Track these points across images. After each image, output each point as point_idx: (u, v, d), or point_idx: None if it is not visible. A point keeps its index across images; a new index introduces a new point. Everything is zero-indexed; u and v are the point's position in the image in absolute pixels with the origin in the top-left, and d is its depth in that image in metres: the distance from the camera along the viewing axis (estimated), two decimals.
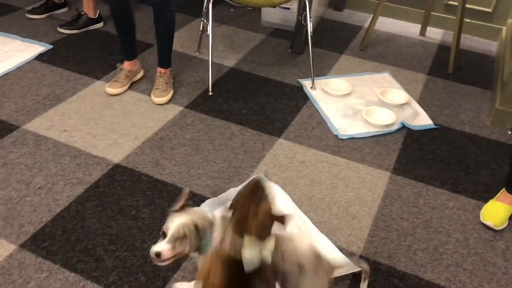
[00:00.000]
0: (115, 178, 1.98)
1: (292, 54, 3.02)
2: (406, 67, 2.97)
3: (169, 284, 1.57)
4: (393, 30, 3.43)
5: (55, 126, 2.25)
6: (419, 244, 1.79)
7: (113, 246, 1.69)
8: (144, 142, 2.19)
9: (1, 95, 2.43)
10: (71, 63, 2.74)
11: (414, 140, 2.34)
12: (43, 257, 1.63)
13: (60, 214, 1.80)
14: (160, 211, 1.84)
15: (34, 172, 1.98)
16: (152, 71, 2.70)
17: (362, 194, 2.00)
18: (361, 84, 2.74)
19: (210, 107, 2.47)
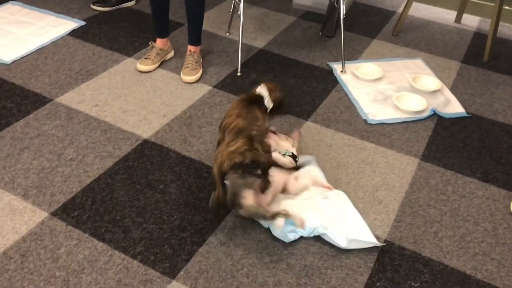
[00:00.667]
0: (144, 153, 2.01)
1: (322, 37, 2.99)
2: (439, 54, 2.90)
3: (194, 257, 1.60)
4: (427, 16, 3.35)
5: (86, 101, 2.29)
6: (446, 232, 1.77)
7: (141, 218, 1.72)
8: (172, 120, 2.21)
9: (35, 68, 2.49)
10: (103, 40, 2.77)
11: (444, 127, 2.29)
12: (73, 225, 1.68)
13: (90, 186, 1.84)
14: (187, 187, 1.86)
15: (65, 144, 2.03)
16: (182, 50, 2.72)
17: (390, 179, 1.98)
18: (392, 70, 2.70)
19: (238, 88, 2.47)
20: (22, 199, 1.76)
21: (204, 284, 1.52)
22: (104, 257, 1.58)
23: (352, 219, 1.74)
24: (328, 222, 1.68)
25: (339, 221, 1.70)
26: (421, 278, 1.60)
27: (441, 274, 1.61)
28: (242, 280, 1.54)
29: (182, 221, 1.72)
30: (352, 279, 1.57)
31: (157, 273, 1.54)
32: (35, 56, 2.59)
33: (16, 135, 2.05)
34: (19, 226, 1.66)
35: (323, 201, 1.77)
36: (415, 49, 2.93)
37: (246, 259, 1.60)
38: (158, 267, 1.56)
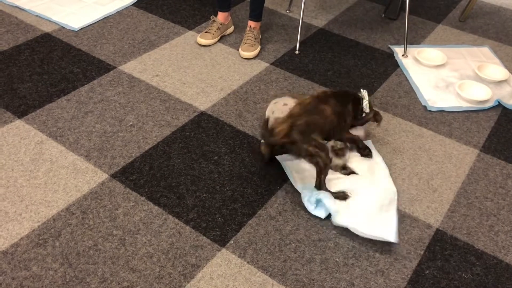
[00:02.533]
0: (200, 125, 2.05)
1: (385, 19, 2.91)
2: (509, 42, 2.76)
3: (244, 228, 1.63)
4: (499, 3, 3.18)
5: (148, 70, 2.35)
6: (503, 226, 1.71)
7: (195, 186, 1.77)
8: (229, 94, 2.24)
9: (101, 36, 2.58)
10: (166, 12, 2.83)
11: (509, 119, 2.19)
12: (131, 188, 1.75)
13: (148, 152, 1.91)
14: (240, 160, 1.89)
15: (127, 110, 2.10)
16: (242, 25, 2.73)
17: (446, 168, 1.93)
18: (457, 57, 2.59)
19: (295, 66, 2.46)
20: (84, 159, 1.85)
21: (253, 254, 1.55)
22: (159, 221, 1.64)
23: (384, 217, 1.68)
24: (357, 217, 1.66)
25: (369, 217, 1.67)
26: (472, 270, 1.56)
27: (494, 269, 1.57)
28: (290, 255, 1.56)
29: (234, 193, 1.76)
30: (400, 264, 1.56)
31: (208, 240, 1.59)
32: (101, 24, 2.68)
33: (81, 99, 2.14)
34: (81, 185, 1.75)
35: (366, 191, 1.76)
36: (482, 37, 2.80)
37: (295, 235, 1.62)
38: (209, 234, 1.61)
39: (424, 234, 1.66)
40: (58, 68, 2.32)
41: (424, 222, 1.70)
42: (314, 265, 1.54)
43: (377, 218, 1.66)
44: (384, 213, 1.69)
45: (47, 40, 2.50)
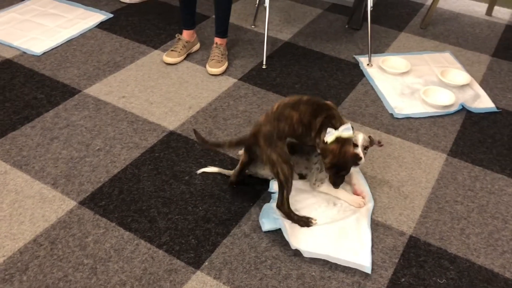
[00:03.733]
0: (169, 145, 2.03)
1: (349, 30, 2.96)
2: (469, 47, 2.84)
3: (218, 249, 1.61)
4: (457, 9, 3.27)
5: (114, 92, 2.32)
6: (473, 229, 1.74)
7: (166, 208, 1.74)
8: (198, 112, 2.23)
9: (65, 60, 2.53)
10: (130, 32, 2.80)
11: (473, 122, 2.25)
12: (101, 214, 1.71)
13: (117, 176, 1.87)
14: (212, 178, 1.88)
15: (93, 134, 2.06)
16: (208, 42, 2.73)
17: (416, 174, 1.95)
18: (420, 63, 2.65)
19: (263, 80, 2.47)
20: (51, 188, 1.80)
21: (228, 275, 1.53)
22: (131, 246, 1.61)
23: (357, 239, 1.64)
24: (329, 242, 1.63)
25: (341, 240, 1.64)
26: (447, 275, 1.58)
27: (468, 272, 1.59)
28: (266, 272, 1.55)
29: (206, 212, 1.74)
30: (376, 274, 1.56)
31: (182, 263, 1.56)
32: (65, 47, 2.64)
33: (46, 125, 2.10)
34: (49, 214, 1.70)
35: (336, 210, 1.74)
36: (444, 43, 2.87)
37: (270, 252, 1.61)
38: (183, 257, 1.58)
39: (398, 241, 1.67)
40: (21, 94, 2.27)
41: (397, 229, 1.72)
42: (291, 281, 1.53)
43: (348, 239, 1.64)
44: (355, 232, 1.66)
45: (8, 67, 2.44)
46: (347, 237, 1.64)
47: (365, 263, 1.56)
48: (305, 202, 1.77)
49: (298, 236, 1.63)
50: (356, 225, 1.68)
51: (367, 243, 1.63)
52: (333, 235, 1.64)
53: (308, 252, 1.59)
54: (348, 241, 1.63)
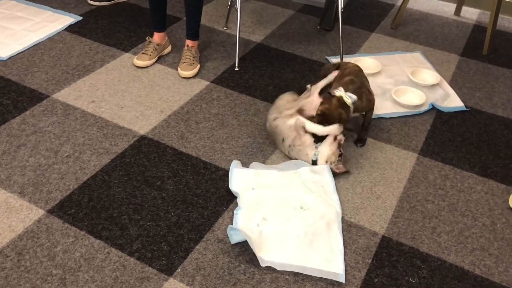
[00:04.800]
0: (141, 150, 2.00)
1: (321, 31, 2.97)
2: (438, 47, 2.88)
3: (191, 254, 1.59)
4: (426, 9, 3.32)
5: (83, 97, 2.28)
6: (444, 227, 1.76)
7: (138, 215, 1.72)
8: (170, 115, 2.20)
9: (32, 64, 2.47)
10: (100, 35, 2.75)
11: (443, 122, 2.28)
12: (70, 223, 1.67)
13: (86, 183, 1.83)
14: (184, 183, 1.85)
15: (62, 140, 2.02)
16: (180, 45, 2.70)
17: (388, 174, 1.97)
18: (391, 63, 2.68)
19: (236, 83, 2.46)
20: (18, 196, 1.75)
21: (201, 281, 1.52)
22: (101, 255, 1.57)
23: (329, 246, 1.63)
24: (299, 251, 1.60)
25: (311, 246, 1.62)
26: (419, 274, 1.59)
27: (439, 270, 1.61)
28: (240, 277, 1.54)
29: (179, 218, 1.72)
30: (350, 275, 1.57)
31: (154, 270, 1.54)
32: (32, 52, 2.57)
33: (12, 132, 2.04)
34: (16, 224, 1.65)
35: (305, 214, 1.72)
36: (414, 43, 2.91)
37: (244, 256, 1.60)
38: (155, 265, 1.55)
39: (370, 242, 1.68)
40: None
41: (370, 230, 1.73)
42: (264, 285, 1.52)
43: (320, 247, 1.62)
44: (327, 239, 1.65)
45: None
46: (319, 245, 1.62)
47: (339, 271, 1.56)
48: (272, 208, 1.74)
49: (268, 248, 1.59)
50: (327, 231, 1.67)
51: (339, 250, 1.62)
52: (304, 244, 1.62)
53: (281, 265, 1.56)
54: (320, 249, 1.61)
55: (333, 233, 1.67)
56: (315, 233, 1.66)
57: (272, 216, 1.71)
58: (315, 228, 1.67)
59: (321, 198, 1.78)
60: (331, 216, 1.73)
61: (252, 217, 1.69)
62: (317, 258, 1.59)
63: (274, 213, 1.72)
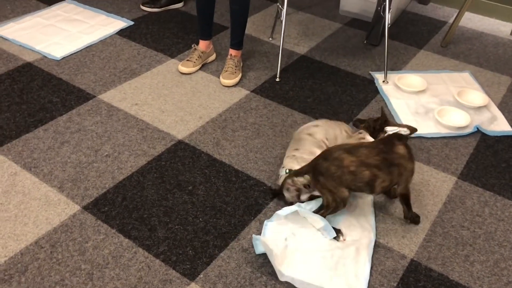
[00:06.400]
0: (176, 154, 2.04)
1: (367, 46, 2.93)
2: (490, 68, 2.77)
3: (215, 261, 1.61)
4: (481, 28, 3.21)
5: (127, 99, 2.36)
6: (478, 256, 1.69)
7: (167, 218, 1.75)
8: (208, 122, 2.24)
9: (83, 65, 2.59)
10: (149, 40, 2.85)
11: (488, 146, 2.19)
12: (102, 220, 1.73)
13: (122, 182, 1.89)
14: (215, 190, 1.88)
15: (103, 140, 2.10)
16: (225, 53, 2.74)
17: (423, 196, 1.91)
18: (437, 82, 2.60)
19: (275, 93, 2.47)
20: (57, 191, 1.84)
21: None
22: (128, 254, 1.62)
23: (354, 272, 1.59)
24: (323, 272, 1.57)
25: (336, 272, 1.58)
26: None
27: None
28: None
29: (206, 224, 1.74)
30: None
31: (177, 273, 1.56)
32: (84, 53, 2.70)
33: (58, 129, 2.14)
34: (52, 217, 1.73)
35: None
36: (464, 62, 2.82)
37: (266, 268, 1.60)
38: (179, 268, 1.58)
39: (398, 265, 1.64)
40: (37, 98, 2.32)
41: (399, 252, 1.68)
42: None
43: (345, 271, 1.58)
44: (353, 264, 1.61)
45: (28, 70, 2.51)
46: (344, 269, 1.58)
47: None
48: (303, 224, 1.71)
49: (290, 263, 1.57)
50: (355, 257, 1.63)
51: (365, 277, 1.57)
52: (329, 265, 1.59)
53: (301, 282, 1.53)
54: (344, 273, 1.57)
55: (361, 259, 1.63)
56: (342, 256, 1.63)
57: (302, 233, 1.69)
58: (343, 251, 1.64)
59: (357, 221, 1.75)
60: (362, 242, 1.69)
61: (282, 230, 1.68)
62: (339, 281, 1.55)
63: (305, 229, 1.70)
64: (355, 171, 1.61)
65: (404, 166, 1.65)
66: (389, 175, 1.63)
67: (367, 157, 1.62)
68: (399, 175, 1.65)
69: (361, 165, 1.61)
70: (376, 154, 1.63)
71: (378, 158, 1.62)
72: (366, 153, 1.63)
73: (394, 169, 1.63)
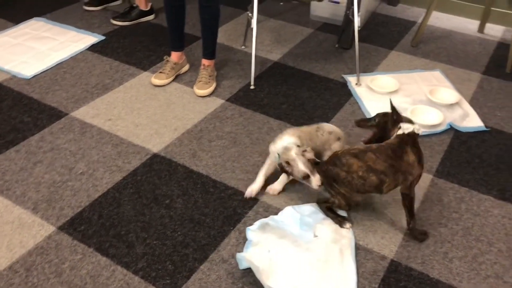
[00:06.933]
0: (152, 167, 2.02)
1: (339, 49, 2.96)
2: (460, 65, 2.82)
3: (195, 275, 1.59)
4: (449, 26, 3.27)
5: (100, 115, 2.33)
6: (457, 252, 1.70)
7: (145, 233, 1.73)
8: (183, 133, 2.23)
9: (54, 83, 2.55)
10: (120, 54, 2.83)
11: (461, 142, 2.22)
12: (79, 240, 1.70)
13: (98, 200, 1.87)
14: (193, 202, 1.86)
15: (77, 158, 2.07)
16: (198, 63, 2.73)
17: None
18: (409, 82, 2.64)
19: (250, 101, 2.47)
20: (31, 213, 1.80)
21: None
22: (107, 272, 1.59)
23: (341, 274, 1.58)
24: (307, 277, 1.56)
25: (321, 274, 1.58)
26: None
27: None
28: None
29: (185, 237, 1.72)
30: None
31: None
32: (54, 71, 2.66)
33: (30, 149, 2.10)
34: (27, 240, 1.69)
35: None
36: (434, 61, 2.86)
37: (247, 278, 1.59)
38: (159, 284, 1.56)
39: (378, 266, 1.64)
40: (8, 118, 2.28)
41: (379, 253, 1.69)
42: None
43: (332, 275, 1.57)
44: (339, 266, 1.60)
45: None
46: (331, 273, 1.58)
47: None
48: (282, 234, 1.69)
49: (278, 276, 1.54)
50: (340, 258, 1.63)
51: (353, 279, 1.57)
52: (316, 272, 1.58)
53: None
54: (333, 276, 1.56)
55: (345, 259, 1.63)
56: (328, 259, 1.62)
57: (283, 242, 1.67)
58: (328, 254, 1.64)
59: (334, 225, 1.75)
60: (343, 242, 1.69)
61: (264, 242, 1.66)
62: (329, 285, 1.54)
63: (285, 239, 1.68)
64: (363, 176, 1.64)
65: (410, 173, 1.66)
66: (394, 180, 1.67)
67: (374, 162, 1.64)
68: (404, 180, 1.67)
69: (369, 171, 1.64)
70: (384, 160, 1.64)
71: (385, 164, 1.64)
72: (373, 158, 1.65)
73: (399, 175, 1.66)
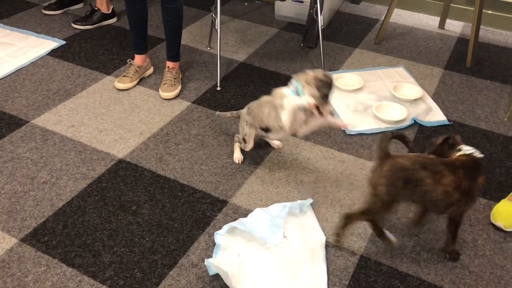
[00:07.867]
0: (118, 174, 1.98)
1: (304, 48, 2.97)
2: (422, 61, 2.88)
3: (164, 281, 1.57)
4: (411, 23, 3.33)
5: (63, 121, 2.27)
6: (424, 245, 1.73)
7: (112, 241, 1.69)
8: (149, 138, 2.19)
9: (13, 90, 2.47)
10: (82, 59, 2.76)
11: (425, 136, 2.26)
12: (43, 251, 1.65)
13: (62, 209, 1.81)
14: (160, 207, 1.83)
15: (39, 166, 2.01)
16: (163, 66, 2.70)
17: None
18: (373, 79, 2.67)
19: (217, 103, 2.45)
20: None
21: None
22: (73, 283, 1.55)
23: (312, 276, 1.58)
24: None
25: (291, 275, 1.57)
26: None
27: None
28: None
29: (153, 243, 1.69)
30: None
31: None
32: (13, 77, 2.58)
33: None
34: None
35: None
36: (397, 57, 2.91)
37: (218, 281, 1.57)
38: None
39: (348, 262, 1.65)
40: None
41: (348, 250, 1.70)
42: None
43: (303, 278, 1.56)
44: (310, 268, 1.60)
45: None
46: (302, 274, 1.57)
47: None
48: (251, 238, 1.68)
49: (248, 281, 1.53)
50: (311, 260, 1.62)
51: (323, 280, 1.57)
52: (287, 274, 1.57)
53: None
54: (303, 278, 1.56)
55: (316, 261, 1.63)
56: (298, 261, 1.62)
57: (253, 245, 1.65)
58: (299, 257, 1.63)
59: (305, 225, 1.75)
60: (315, 245, 1.68)
61: (233, 246, 1.65)
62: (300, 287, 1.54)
63: (254, 242, 1.67)
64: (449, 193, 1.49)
65: (474, 199, 1.55)
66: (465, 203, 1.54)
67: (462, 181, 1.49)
68: (465, 205, 1.55)
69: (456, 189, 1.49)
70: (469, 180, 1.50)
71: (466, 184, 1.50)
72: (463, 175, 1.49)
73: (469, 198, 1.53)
